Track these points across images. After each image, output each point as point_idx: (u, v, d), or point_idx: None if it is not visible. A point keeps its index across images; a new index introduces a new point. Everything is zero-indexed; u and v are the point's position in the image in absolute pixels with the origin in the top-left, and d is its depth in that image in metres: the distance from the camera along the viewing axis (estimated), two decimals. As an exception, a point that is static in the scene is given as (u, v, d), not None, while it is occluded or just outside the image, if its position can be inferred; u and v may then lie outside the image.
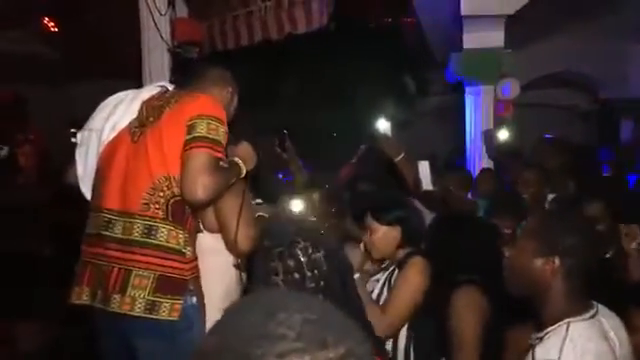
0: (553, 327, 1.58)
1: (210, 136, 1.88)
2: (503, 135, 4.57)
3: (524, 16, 4.65)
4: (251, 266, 1.40)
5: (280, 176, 3.54)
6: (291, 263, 1.36)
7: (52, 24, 5.94)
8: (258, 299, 0.74)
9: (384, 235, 2.36)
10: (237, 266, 2.21)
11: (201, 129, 1.88)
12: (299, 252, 1.37)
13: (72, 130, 7.88)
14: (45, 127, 5.93)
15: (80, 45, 6.29)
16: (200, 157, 1.85)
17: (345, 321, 0.72)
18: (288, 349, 0.63)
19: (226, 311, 0.72)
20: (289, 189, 2.87)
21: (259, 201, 2.24)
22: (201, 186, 1.82)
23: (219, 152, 1.91)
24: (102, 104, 2.21)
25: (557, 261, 1.61)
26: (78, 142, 2.20)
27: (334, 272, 1.38)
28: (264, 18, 5.04)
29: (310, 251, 1.38)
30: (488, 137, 4.79)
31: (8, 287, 3.96)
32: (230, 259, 2.18)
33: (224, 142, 1.94)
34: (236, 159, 2.07)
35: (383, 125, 3.44)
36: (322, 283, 1.36)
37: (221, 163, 1.92)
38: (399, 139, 3.49)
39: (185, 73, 4.03)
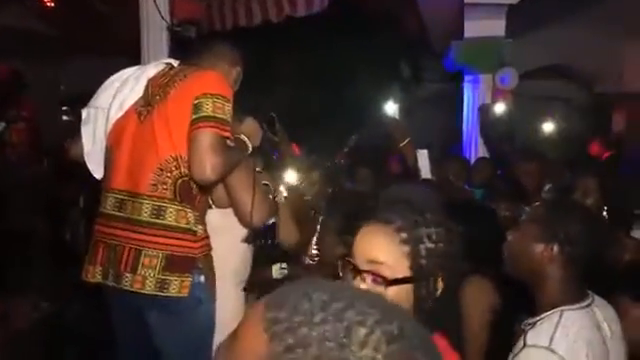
0: (546, 314, 1.59)
1: (216, 115, 1.87)
2: (499, 109, 4.57)
3: (523, 6, 4.65)
4: None
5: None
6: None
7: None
8: (321, 300, 0.61)
9: None
10: (246, 240, 2.23)
11: (207, 108, 1.87)
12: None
13: (64, 108, 7.78)
14: (39, 103, 5.87)
15: (76, 21, 6.20)
16: (207, 137, 1.84)
17: (422, 330, 0.64)
18: None
19: (277, 303, 0.62)
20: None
21: (258, 169, 2.24)
22: (209, 166, 1.82)
23: (226, 131, 1.90)
24: (107, 81, 2.19)
25: (556, 249, 1.61)
26: (83, 119, 2.19)
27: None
28: (263, 0, 5.01)
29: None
30: (484, 112, 4.79)
31: (1, 263, 3.95)
32: (239, 235, 2.21)
33: (230, 120, 1.94)
34: (242, 136, 2.09)
35: (392, 108, 3.44)
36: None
37: (228, 142, 1.92)
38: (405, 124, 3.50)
39: (184, 52, 4.02)
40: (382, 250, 1.21)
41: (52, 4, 5.86)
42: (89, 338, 3.00)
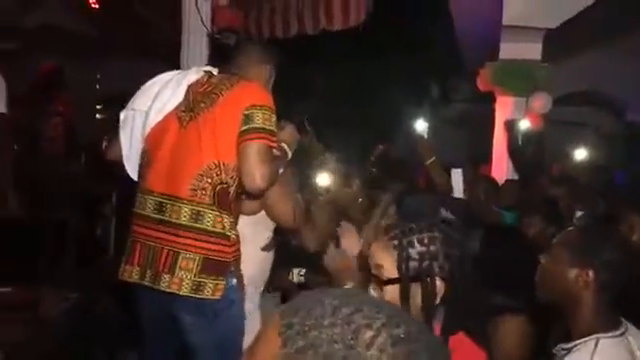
0: (582, 340, 1.58)
1: (265, 126, 1.96)
2: (525, 125, 4.59)
3: (560, 31, 4.65)
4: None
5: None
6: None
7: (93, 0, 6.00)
8: (332, 306, 0.65)
9: None
10: (266, 248, 2.30)
11: (257, 120, 1.95)
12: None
13: (99, 106, 7.96)
14: (76, 101, 6.01)
15: (117, 23, 6.36)
16: (258, 148, 1.93)
17: (429, 334, 0.68)
18: None
19: (292, 310, 0.66)
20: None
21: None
22: (260, 176, 1.91)
23: (273, 142, 2.00)
24: (146, 85, 2.23)
25: (591, 274, 1.61)
26: (121, 122, 2.22)
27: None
28: (301, 12, 5.08)
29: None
30: (510, 127, 4.80)
31: (33, 254, 4.05)
32: (259, 243, 2.29)
33: (275, 129, 2.02)
34: (283, 144, 2.17)
35: (421, 126, 3.45)
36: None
37: (274, 151, 2.01)
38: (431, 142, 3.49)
39: (222, 59, 4.10)
40: (380, 256, 1.41)
41: (97, 6, 6.02)
42: (116, 329, 3.06)
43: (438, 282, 1.37)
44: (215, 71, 2.19)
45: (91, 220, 4.47)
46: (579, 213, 3.22)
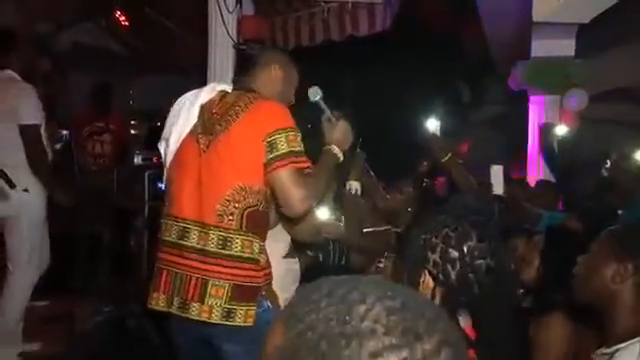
0: (625, 344, 1.50)
1: (292, 149, 1.92)
2: (561, 130, 4.45)
3: (594, 25, 4.50)
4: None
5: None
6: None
7: (123, 18, 6.14)
8: (328, 288, 0.66)
9: None
10: (287, 256, 2.26)
11: (282, 145, 1.90)
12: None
13: (132, 122, 8.15)
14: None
15: (145, 40, 6.50)
16: (286, 175, 1.90)
17: (429, 305, 0.67)
18: (381, 347, 0.58)
19: (295, 301, 0.67)
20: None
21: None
22: (298, 200, 1.89)
23: (302, 162, 1.94)
24: (170, 113, 2.19)
25: (630, 268, 1.53)
26: (162, 155, 2.23)
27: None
28: (326, 19, 5.08)
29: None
30: (546, 131, 4.66)
31: (69, 265, 4.13)
32: (281, 252, 2.24)
33: (302, 147, 1.96)
34: (332, 147, 2.09)
35: (433, 124, 3.32)
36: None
37: (306, 171, 1.96)
38: (448, 140, 3.35)
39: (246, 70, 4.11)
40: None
41: (125, 22, 6.16)
42: (150, 342, 3.08)
43: (427, 276, 1.33)
44: (229, 88, 2.12)
45: (125, 233, 4.53)
46: (619, 212, 3.10)
